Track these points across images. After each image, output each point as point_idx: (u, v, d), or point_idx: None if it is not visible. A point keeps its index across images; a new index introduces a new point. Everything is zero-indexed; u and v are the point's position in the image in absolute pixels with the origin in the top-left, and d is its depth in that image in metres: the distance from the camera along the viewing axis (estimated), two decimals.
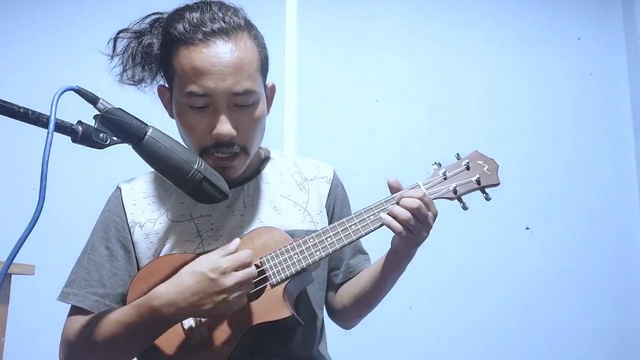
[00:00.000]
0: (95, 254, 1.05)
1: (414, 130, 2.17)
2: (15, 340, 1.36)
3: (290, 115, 2.11)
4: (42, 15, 2.13)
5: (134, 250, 1.05)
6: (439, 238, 2.01)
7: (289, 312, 0.94)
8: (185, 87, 0.98)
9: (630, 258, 2.16)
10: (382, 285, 1.08)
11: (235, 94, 0.98)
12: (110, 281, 1.03)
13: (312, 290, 1.09)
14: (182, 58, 0.98)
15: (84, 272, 1.04)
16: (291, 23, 2.20)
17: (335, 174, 1.21)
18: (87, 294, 1.02)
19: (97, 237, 1.07)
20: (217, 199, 0.92)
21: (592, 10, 2.37)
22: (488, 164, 1.07)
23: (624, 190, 2.22)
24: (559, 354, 2.05)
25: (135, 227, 1.06)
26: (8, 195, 1.96)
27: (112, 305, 1.02)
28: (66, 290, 1.04)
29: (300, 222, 1.09)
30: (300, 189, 1.14)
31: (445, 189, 1.03)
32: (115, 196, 1.11)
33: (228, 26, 0.99)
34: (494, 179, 1.06)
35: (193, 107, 0.99)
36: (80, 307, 1.01)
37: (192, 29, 0.98)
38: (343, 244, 0.99)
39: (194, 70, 0.97)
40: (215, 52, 0.97)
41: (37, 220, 0.66)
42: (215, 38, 0.98)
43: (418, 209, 0.94)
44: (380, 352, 1.99)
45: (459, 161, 1.06)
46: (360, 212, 1.01)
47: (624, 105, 2.31)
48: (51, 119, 0.72)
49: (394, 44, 2.25)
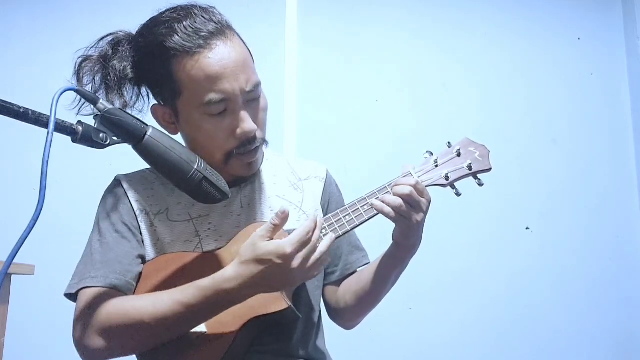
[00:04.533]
0: (106, 237, 1.02)
1: (414, 130, 2.17)
2: (15, 340, 1.36)
3: (290, 116, 2.11)
4: (42, 15, 2.13)
5: (140, 235, 1.04)
6: (439, 238, 2.03)
7: (287, 304, 0.94)
8: (202, 97, 0.96)
9: (630, 258, 2.16)
10: (385, 281, 1.08)
11: (249, 91, 0.99)
12: (127, 258, 1.00)
13: (310, 287, 1.09)
14: (191, 69, 0.96)
15: (99, 255, 0.99)
16: (291, 24, 2.20)
17: (328, 173, 1.22)
18: (108, 272, 0.97)
19: (103, 225, 1.04)
20: (218, 199, 0.92)
21: (592, 10, 2.37)
22: (479, 150, 1.07)
23: (624, 190, 2.22)
24: (559, 353, 2.05)
25: (141, 214, 1.05)
26: (8, 195, 1.96)
27: (133, 283, 0.98)
28: (74, 281, 0.98)
29: (296, 222, 1.09)
30: (294, 189, 1.15)
31: (437, 176, 1.04)
32: (114, 185, 1.09)
33: (220, 26, 0.99)
34: (485, 164, 1.06)
35: (212, 115, 0.98)
36: (101, 286, 0.95)
37: (190, 37, 0.96)
38: (338, 235, 0.99)
39: (209, 78, 0.96)
40: (222, 54, 0.97)
41: (37, 220, 0.66)
42: (215, 40, 0.97)
43: (409, 195, 0.95)
44: (380, 352, 1.99)
45: (450, 148, 1.08)
46: (353, 203, 1.02)
47: (624, 105, 2.31)
48: (51, 119, 0.72)
49: (394, 44, 2.25)
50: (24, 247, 0.65)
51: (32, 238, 0.65)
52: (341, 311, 1.17)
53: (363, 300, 1.13)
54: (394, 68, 2.23)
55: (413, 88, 2.21)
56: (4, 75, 2.06)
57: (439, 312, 2.03)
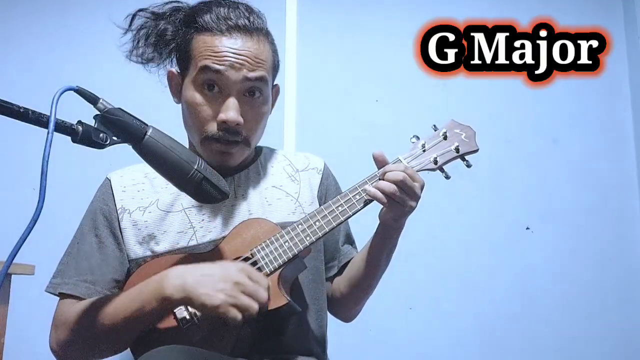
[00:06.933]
0: (85, 242, 1.05)
1: (414, 130, 2.16)
2: (15, 340, 1.36)
3: (290, 116, 2.11)
4: (42, 15, 2.13)
5: (121, 237, 1.05)
6: (439, 238, 2.03)
7: (286, 300, 0.94)
8: (200, 62, 1.00)
9: (630, 258, 2.16)
10: (377, 264, 1.08)
11: (248, 79, 1.00)
12: (100, 269, 1.03)
13: (305, 281, 1.08)
14: (201, 42, 1.02)
15: (74, 261, 1.04)
16: (291, 23, 2.20)
17: (326, 165, 1.23)
18: (78, 281, 1.02)
19: (85, 226, 1.08)
20: (217, 199, 0.93)
21: (592, 10, 2.36)
22: (465, 132, 1.08)
23: (624, 190, 2.22)
24: (558, 353, 2.05)
25: (124, 213, 1.06)
26: (8, 195, 1.96)
27: (103, 291, 1.02)
28: (55, 281, 1.04)
29: (291, 214, 1.09)
30: (292, 180, 1.15)
31: (426, 160, 1.04)
32: (103, 185, 1.12)
33: (252, 26, 1.03)
34: (472, 145, 1.06)
35: (204, 87, 1.01)
36: (71, 294, 1.01)
37: (218, 21, 1.02)
38: (332, 226, 0.99)
39: (212, 50, 1.00)
40: (235, 43, 1.01)
41: (37, 220, 0.66)
42: (238, 33, 1.02)
43: (403, 180, 0.96)
44: (380, 352, 1.99)
45: (437, 132, 1.09)
46: (345, 193, 1.02)
47: (624, 105, 2.30)
48: (51, 119, 0.72)
49: (394, 43, 2.24)
50: (24, 247, 0.65)
51: (32, 238, 0.65)
52: (337, 302, 1.17)
53: (357, 287, 1.13)
54: (394, 68, 2.22)
55: (413, 88, 2.21)
56: (4, 75, 2.06)
57: (439, 312, 2.03)
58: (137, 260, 1.04)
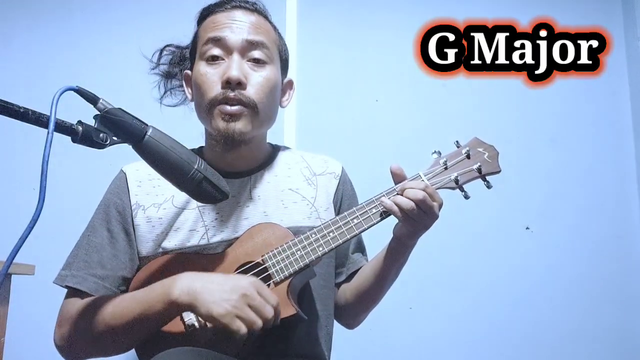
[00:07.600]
0: (96, 235, 1.04)
1: (414, 130, 2.17)
2: (15, 340, 1.36)
3: (290, 116, 2.11)
4: (42, 15, 2.13)
5: (134, 233, 1.04)
6: (439, 238, 2.01)
7: (294, 310, 0.93)
8: (204, 38, 1.05)
9: (630, 258, 2.16)
10: (386, 277, 1.07)
11: (248, 41, 1.03)
12: (111, 263, 1.02)
13: (316, 286, 1.07)
14: (205, 25, 1.08)
15: (84, 254, 1.03)
16: (291, 23, 2.20)
17: (343, 170, 1.22)
18: (87, 275, 1.00)
19: (98, 219, 1.06)
20: (218, 198, 0.92)
21: (592, 10, 2.36)
22: (488, 151, 1.05)
23: (624, 190, 2.22)
24: (558, 353, 2.05)
25: (138, 209, 1.05)
26: (8, 195, 1.96)
27: (111, 288, 1.01)
28: (63, 272, 1.02)
29: (306, 218, 1.08)
30: (308, 184, 1.14)
31: (447, 179, 1.01)
32: (118, 178, 1.10)
33: (253, 7, 1.08)
34: (494, 166, 1.04)
35: (209, 59, 1.04)
36: (78, 289, 1.00)
37: (220, 3, 1.08)
38: (346, 238, 0.97)
39: (214, 24, 1.05)
40: (235, 16, 1.05)
41: (37, 220, 0.66)
42: (237, 10, 1.06)
43: (423, 200, 0.93)
44: (380, 352, 1.99)
45: (459, 149, 1.05)
46: (361, 205, 1.00)
47: (624, 105, 2.30)
48: (51, 119, 0.72)
49: (394, 43, 2.24)
50: (24, 247, 0.65)
51: (32, 238, 0.65)
52: (341, 308, 1.16)
53: (364, 298, 1.12)
54: (394, 68, 2.22)
55: (413, 88, 2.21)
56: (4, 75, 2.06)
57: (439, 312, 2.03)
58: (147, 258, 1.04)
